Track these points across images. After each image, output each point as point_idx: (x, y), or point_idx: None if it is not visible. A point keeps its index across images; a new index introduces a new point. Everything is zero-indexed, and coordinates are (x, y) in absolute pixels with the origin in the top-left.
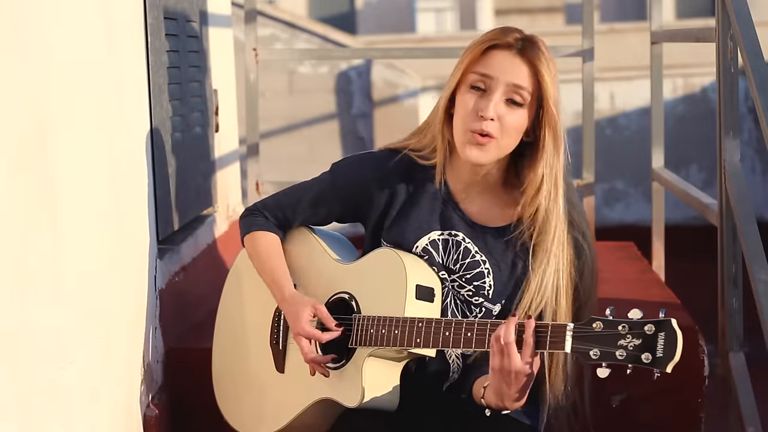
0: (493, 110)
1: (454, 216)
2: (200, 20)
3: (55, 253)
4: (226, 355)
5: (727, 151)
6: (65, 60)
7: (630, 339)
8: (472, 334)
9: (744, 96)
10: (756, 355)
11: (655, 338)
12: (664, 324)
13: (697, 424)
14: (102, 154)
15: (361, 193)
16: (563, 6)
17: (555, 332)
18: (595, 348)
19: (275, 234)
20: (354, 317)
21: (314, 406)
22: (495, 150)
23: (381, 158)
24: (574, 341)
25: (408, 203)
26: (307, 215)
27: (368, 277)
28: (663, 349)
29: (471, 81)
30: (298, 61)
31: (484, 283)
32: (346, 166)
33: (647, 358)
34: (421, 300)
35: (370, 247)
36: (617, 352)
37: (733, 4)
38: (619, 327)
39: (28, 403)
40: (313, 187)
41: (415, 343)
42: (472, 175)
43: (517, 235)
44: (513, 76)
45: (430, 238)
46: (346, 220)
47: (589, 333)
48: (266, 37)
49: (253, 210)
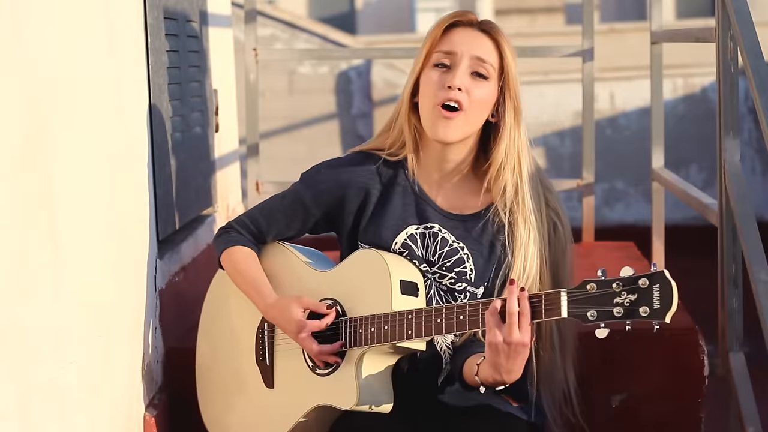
0: (460, 80)
1: (427, 209)
2: (200, 20)
3: (55, 252)
4: (212, 377)
5: (727, 151)
6: (65, 60)
7: (625, 295)
8: (464, 317)
9: (744, 96)
10: (756, 355)
11: (650, 291)
12: (657, 276)
13: (697, 424)
14: (102, 154)
15: (334, 199)
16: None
17: (549, 299)
18: (592, 309)
19: (250, 248)
20: (341, 321)
21: (309, 414)
22: (463, 124)
23: (350, 162)
24: (570, 305)
25: (381, 202)
26: (281, 227)
27: (351, 280)
28: (660, 301)
29: (434, 60)
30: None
31: (465, 268)
32: (315, 174)
33: (645, 311)
34: (406, 295)
35: (348, 252)
36: (614, 309)
37: (733, 4)
38: (613, 285)
39: (28, 402)
40: (285, 199)
41: (407, 335)
42: (442, 163)
43: (491, 217)
44: (477, 49)
45: (407, 233)
46: (320, 229)
47: (584, 295)
48: (266, 37)
49: (226, 228)
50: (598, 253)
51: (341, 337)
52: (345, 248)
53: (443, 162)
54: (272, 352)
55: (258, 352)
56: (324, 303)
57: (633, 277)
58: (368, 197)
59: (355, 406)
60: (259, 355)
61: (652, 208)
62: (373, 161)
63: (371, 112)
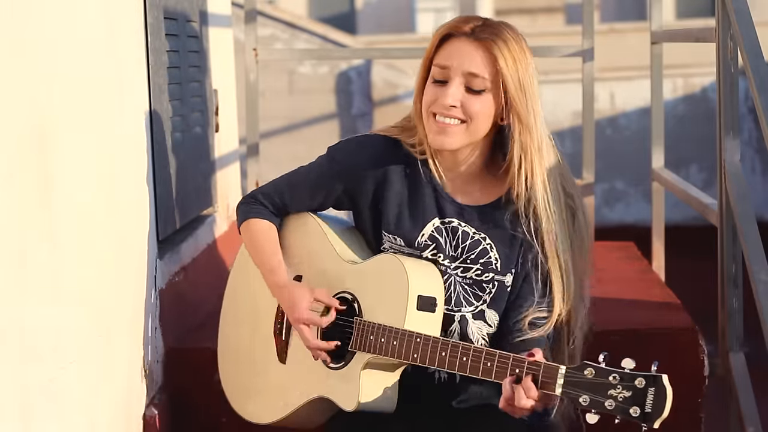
0: (452, 99)
1: (446, 204)
2: (200, 20)
3: (55, 252)
4: (231, 339)
5: (727, 151)
6: (65, 60)
7: (620, 390)
8: (467, 359)
9: (744, 96)
10: (756, 355)
11: (645, 392)
12: (655, 379)
13: (697, 424)
14: (102, 153)
15: (357, 177)
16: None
17: (547, 373)
18: (585, 395)
19: (270, 222)
20: (355, 320)
21: (312, 401)
22: (463, 134)
23: (377, 144)
24: (565, 386)
25: (404, 194)
26: (305, 200)
27: (371, 282)
28: (652, 405)
29: (433, 74)
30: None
31: (490, 258)
32: (342, 150)
33: (635, 411)
34: (422, 311)
35: (371, 238)
36: (606, 402)
37: (733, 4)
38: (610, 377)
39: (28, 402)
40: (310, 172)
41: (412, 358)
42: (454, 165)
43: (508, 206)
44: (469, 64)
45: (434, 225)
46: (343, 206)
47: (581, 379)
48: (266, 37)
49: (250, 197)
50: (598, 253)
51: (353, 337)
52: (368, 235)
53: (455, 164)
54: (290, 328)
55: (277, 324)
56: (338, 299)
57: (631, 374)
58: (390, 184)
59: (355, 409)
60: (277, 327)
61: (652, 208)
62: (398, 150)
63: (371, 112)
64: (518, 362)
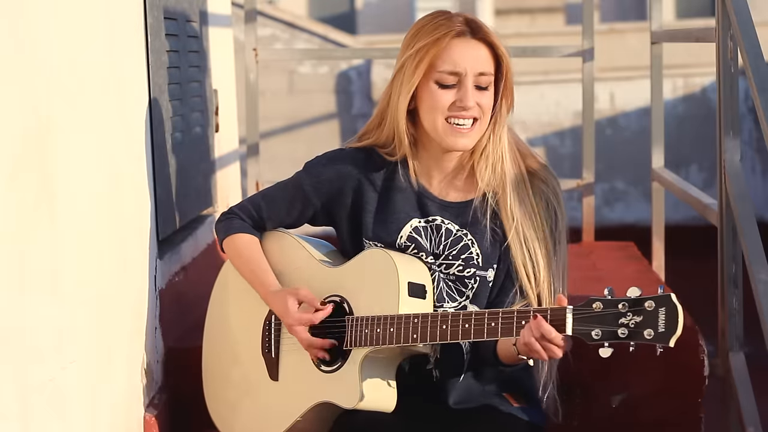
0: (472, 100)
1: (428, 203)
2: (200, 20)
3: (55, 252)
4: (217, 367)
5: (727, 151)
6: (65, 60)
7: (631, 316)
8: (469, 326)
9: (744, 96)
10: (756, 355)
11: (656, 314)
12: (663, 299)
13: (697, 424)
14: (102, 153)
15: (334, 190)
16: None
17: (555, 315)
18: (597, 328)
19: (252, 234)
20: (347, 319)
21: (312, 410)
22: (476, 132)
23: (352, 156)
24: (575, 323)
25: (382, 199)
26: (281, 214)
27: (359, 278)
28: (665, 324)
29: (436, 78)
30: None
31: (472, 253)
32: (317, 164)
33: (649, 334)
34: (413, 297)
35: (351, 248)
36: (619, 330)
37: (733, 4)
38: (619, 305)
39: (29, 402)
40: (287, 187)
41: (412, 339)
42: (443, 162)
43: (485, 201)
44: (478, 65)
45: (412, 226)
46: (319, 221)
47: (590, 313)
48: (266, 37)
49: (227, 213)
50: (598, 253)
51: (346, 335)
52: (349, 246)
53: (445, 161)
54: (278, 345)
55: (264, 343)
56: (322, 299)
57: (639, 298)
58: (367, 193)
59: (357, 405)
60: (265, 347)
61: (652, 208)
62: (373, 158)
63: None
64: (524, 313)
